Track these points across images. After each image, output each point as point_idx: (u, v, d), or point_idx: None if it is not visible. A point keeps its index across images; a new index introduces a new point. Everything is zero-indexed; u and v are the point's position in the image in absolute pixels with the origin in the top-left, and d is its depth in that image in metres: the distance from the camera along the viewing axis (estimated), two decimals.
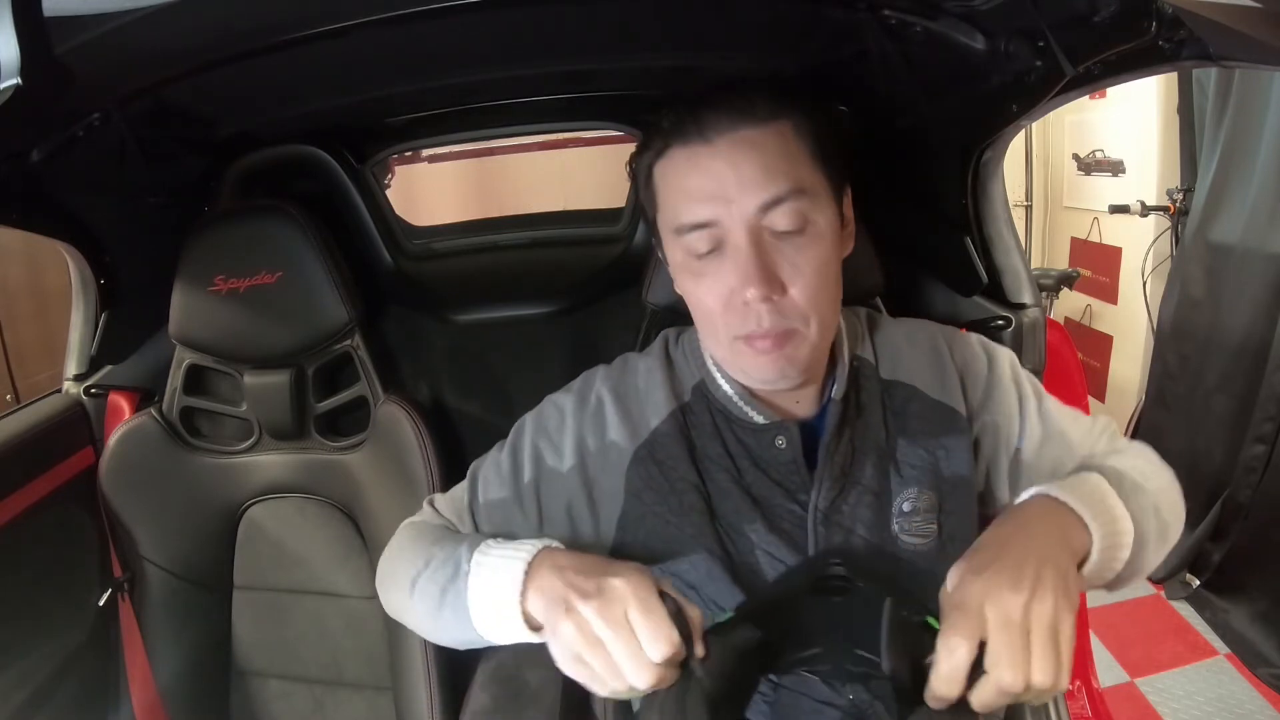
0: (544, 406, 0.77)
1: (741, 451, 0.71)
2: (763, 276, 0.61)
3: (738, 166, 0.62)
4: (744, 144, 0.62)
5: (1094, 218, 2.85)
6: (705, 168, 0.63)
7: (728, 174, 0.62)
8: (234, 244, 0.99)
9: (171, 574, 1.04)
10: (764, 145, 0.63)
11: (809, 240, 0.63)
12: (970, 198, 0.90)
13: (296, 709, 1.09)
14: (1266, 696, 1.71)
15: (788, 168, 0.62)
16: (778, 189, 0.62)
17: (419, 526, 0.75)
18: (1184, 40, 0.50)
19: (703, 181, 0.63)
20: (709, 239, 0.64)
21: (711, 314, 0.66)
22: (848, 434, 0.70)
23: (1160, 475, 0.72)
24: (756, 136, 0.63)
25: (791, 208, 0.62)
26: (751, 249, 0.62)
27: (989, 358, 0.76)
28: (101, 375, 1.09)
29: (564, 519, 0.73)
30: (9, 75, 0.51)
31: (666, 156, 0.66)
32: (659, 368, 0.75)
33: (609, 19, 0.80)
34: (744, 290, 0.62)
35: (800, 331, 0.64)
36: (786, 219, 0.62)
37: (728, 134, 0.63)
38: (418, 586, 0.66)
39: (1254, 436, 1.84)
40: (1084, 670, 1.04)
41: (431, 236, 1.29)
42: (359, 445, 1.04)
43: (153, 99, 0.80)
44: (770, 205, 0.62)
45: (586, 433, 0.73)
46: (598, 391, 0.75)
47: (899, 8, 0.68)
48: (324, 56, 0.75)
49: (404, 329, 1.17)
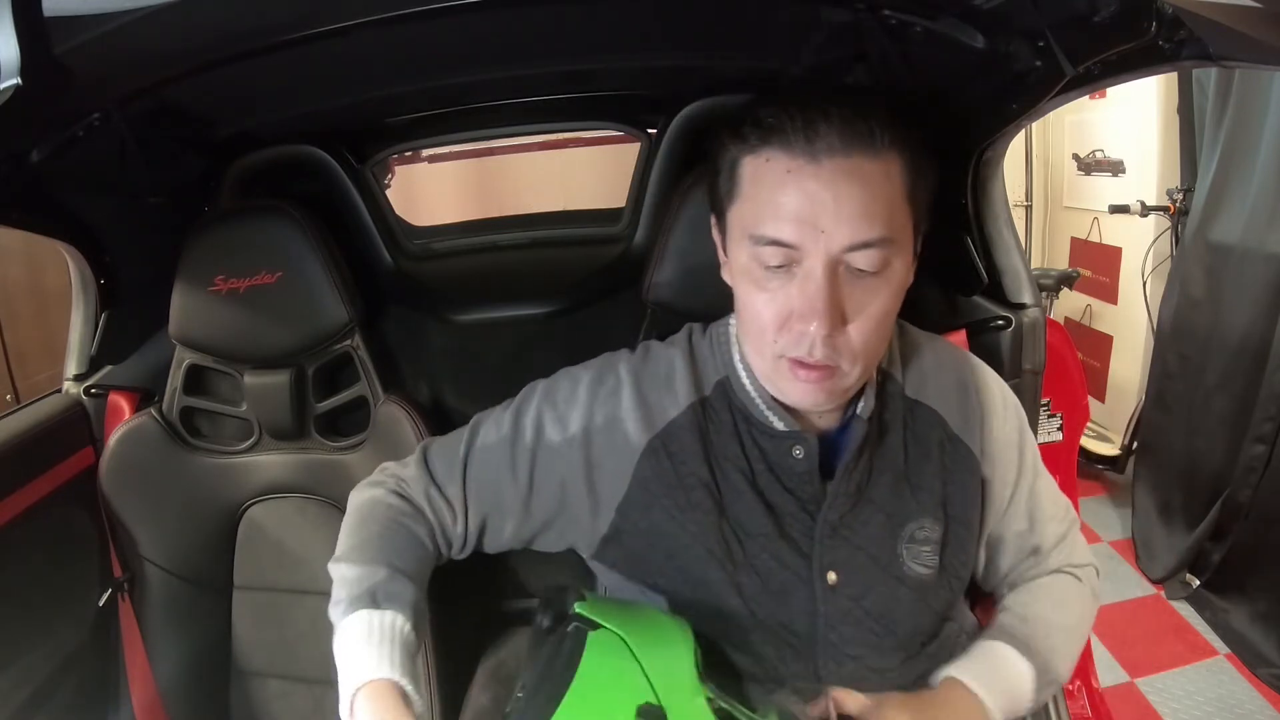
0: (558, 376, 0.77)
1: (758, 455, 0.70)
2: (830, 313, 0.60)
3: (839, 199, 0.59)
4: (852, 175, 0.59)
5: (1094, 218, 2.85)
6: (805, 188, 0.60)
7: (827, 203, 0.59)
8: (234, 244, 0.98)
9: (171, 574, 1.04)
10: (871, 180, 0.60)
11: (882, 284, 0.62)
12: (970, 198, 0.90)
13: (296, 709, 1.08)
14: (1266, 696, 1.71)
15: (886, 210, 0.60)
16: (871, 233, 0.60)
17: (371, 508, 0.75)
18: (1184, 40, 0.50)
19: (799, 202, 0.60)
20: (784, 256, 0.61)
21: (765, 328, 0.64)
22: (868, 453, 0.70)
23: (1077, 604, 0.78)
24: (867, 167, 0.60)
25: (878, 253, 0.60)
26: (826, 284, 0.60)
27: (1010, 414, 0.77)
28: (101, 375, 1.09)
29: (555, 493, 0.73)
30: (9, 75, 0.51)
31: (763, 156, 0.62)
32: (681, 359, 0.74)
33: (609, 19, 0.80)
34: (807, 321, 0.61)
35: (843, 369, 0.63)
36: (869, 261, 0.60)
37: (838, 158, 0.59)
38: (334, 575, 0.69)
39: (1254, 436, 1.84)
40: (1084, 670, 1.04)
41: (431, 236, 1.29)
42: (359, 445, 1.04)
43: (153, 99, 0.80)
44: (859, 247, 0.60)
45: (596, 410, 0.72)
46: (618, 373, 0.74)
47: (899, 8, 0.67)
48: (324, 56, 0.75)
49: (404, 329, 1.17)
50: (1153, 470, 2.27)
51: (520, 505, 0.74)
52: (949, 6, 0.65)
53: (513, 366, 1.17)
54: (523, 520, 0.75)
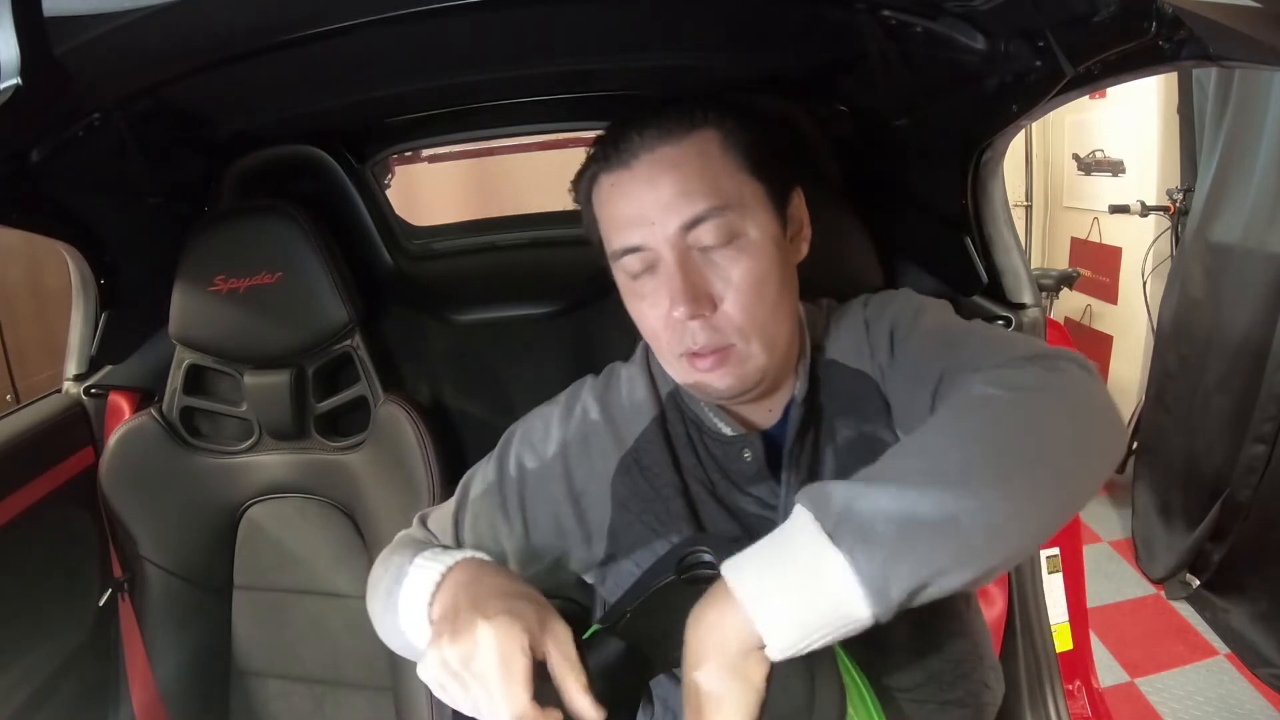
0: (530, 416, 0.77)
1: (713, 464, 0.70)
2: (689, 295, 0.61)
3: (657, 188, 0.62)
4: (663, 164, 0.62)
5: (1094, 218, 2.85)
6: (628, 192, 0.63)
7: (648, 196, 0.62)
8: (234, 244, 0.99)
9: (171, 574, 1.04)
10: (683, 163, 0.62)
11: (739, 253, 0.63)
12: (970, 198, 0.90)
13: (296, 709, 1.08)
14: (1266, 696, 1.71)
15: (709, 184, 0.62)
16: (697, 207, 0.61)
17: (400, 538, 0.73)
18: (1184, 40, 0.50)
19: (627, 206, 0.63)
20: (641, 261, 0.64)
21: (655, 333, 0.66)
22: (811, 434, 0.69)
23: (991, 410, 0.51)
24: (676, 154, 0.63)
25: (716, 224, 0.62)
26: (678, 268, 0.62)
27: (883, 316, 0.71)
28: (101, 375, 1.09)
29: (550, 526, 0.72)
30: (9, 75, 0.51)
31: (597, 183, 0.67)
32: (640, 375, 0.75)
33: (609, 19, 0.80)
34: (674, 309, 0.62)
35: (738, 347, 0.63)
36: (712, 234, 0.62)
37: (646, 156, 0.63)
38: (377, 591, 0.66)
39: (1254, 436, 1.84)
40: (1084, 670, 1.04)
41: (431, 236, 1.29)
42: (359, 445, 1.04)
43: (153, 99, 0.80)
44: (692, 224, 0.62)
45: (571, 441, 0.73)
46: (584, 401, 0.75)
47: (899, 8, 0.67)
48: (324, 56, 0.75)
49: (404, 329, 1.17)
50: (1153, 470, 2.27)
51: (521, 546, 0.72)
52: (949, 6, 0.65)
53: (513, 366, 1.18)
54: (527, 561, 0.73)
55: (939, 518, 0.45)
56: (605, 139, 0.66)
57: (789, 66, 0.92)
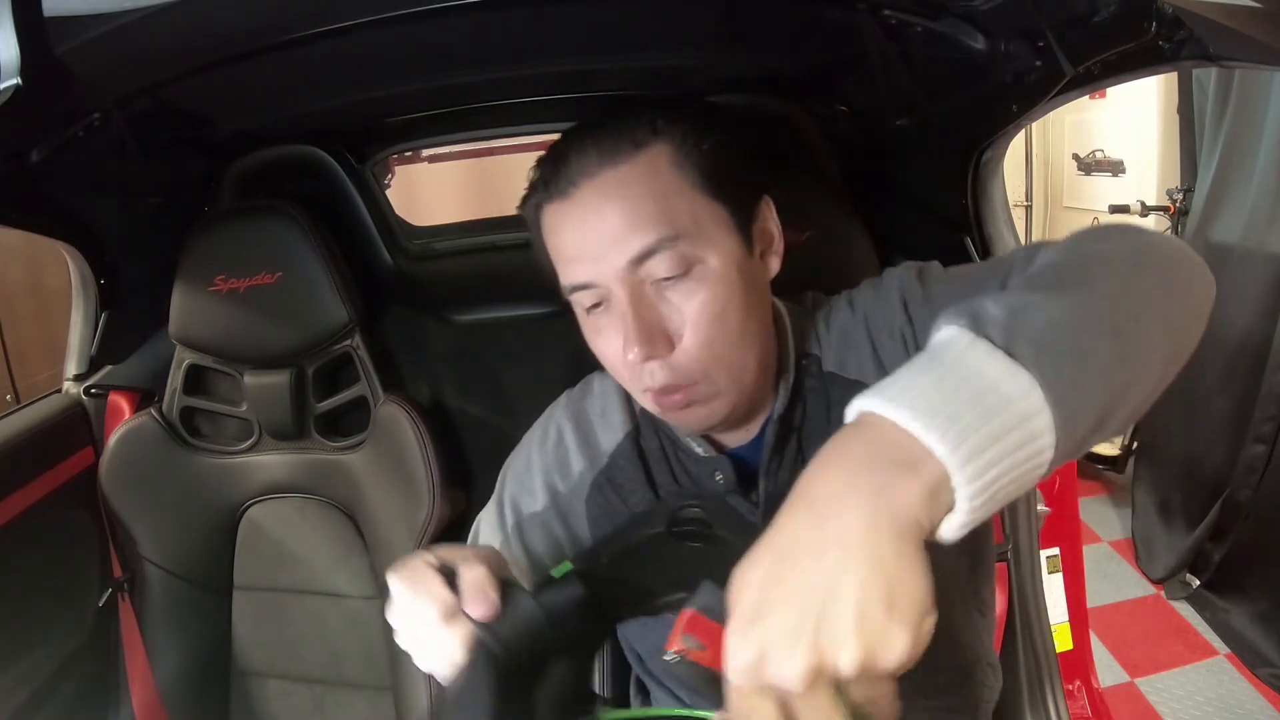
0: (517, 451, 0.75)
1: (689, 481, 0.67)
2: (642, 337, 0.55)
3: (603, 219, 0.56)
4: (606, 190, 0.56)
5: (1094, 218, 2.84)
6: (571, 223, 0.57)
7: (592, 228, 0.56)
8: (234, 244, 0.99)
9: (171, 574, 1.04)
10: (630, 188, 0.56)
11: (697, 284, 0.56)
12: (970, 198, 0.90)
13: (296, 709, 1.08)
14: (1266, 696, 1.71)
15: (660, 210, 0.55)
16: (647, 239, 0.55)
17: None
18: (1184, 40, 0.50)
19: (571, 240, 0.58)
20: (593, 295, 0.58)
21: (616, 368, 0.61)
22: (791, 451, 0.65)
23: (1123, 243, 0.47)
24: (622, 178, 0.56)
25: (669, 255, 0.55)
26: (630, 307, 0.56)
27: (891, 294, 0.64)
28: (101, 375, 1.09)
29: (556, 555, 0.70)
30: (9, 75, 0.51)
31: (542, 211, 0.60)
32: (613, 388, 0.72)
33: (609, 19, 0.80)
34: (627, 351, 0.56)
35: (701, 385, 0.58)
36: (666, 266, 0.55)
37: (587, 183, 0.56)
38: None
39: (1254, 436, 1.84)
40: (1084, 670, 1.04)
41: (431, 236, 1.29)
42: (359, 445, 1.04)
43: (153, 99, 0.80)
44: (643, 257, 0.55)
45: (552, 468, 0.71)
46: (557, 422, 0.73)
47: (899, 7, 0.67)
48: (324, 56, 0.75)
49: (404, 329, 1.17)
50: (1153, 470, 2.27)
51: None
52: (949, 6, 0.65)
53: (513, 366, 1.18)
54: None
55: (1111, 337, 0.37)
56: (544, 162, 0.59)
57: (789, 66, 0.92)
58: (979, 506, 0.34)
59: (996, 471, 0.34)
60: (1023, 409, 0.34)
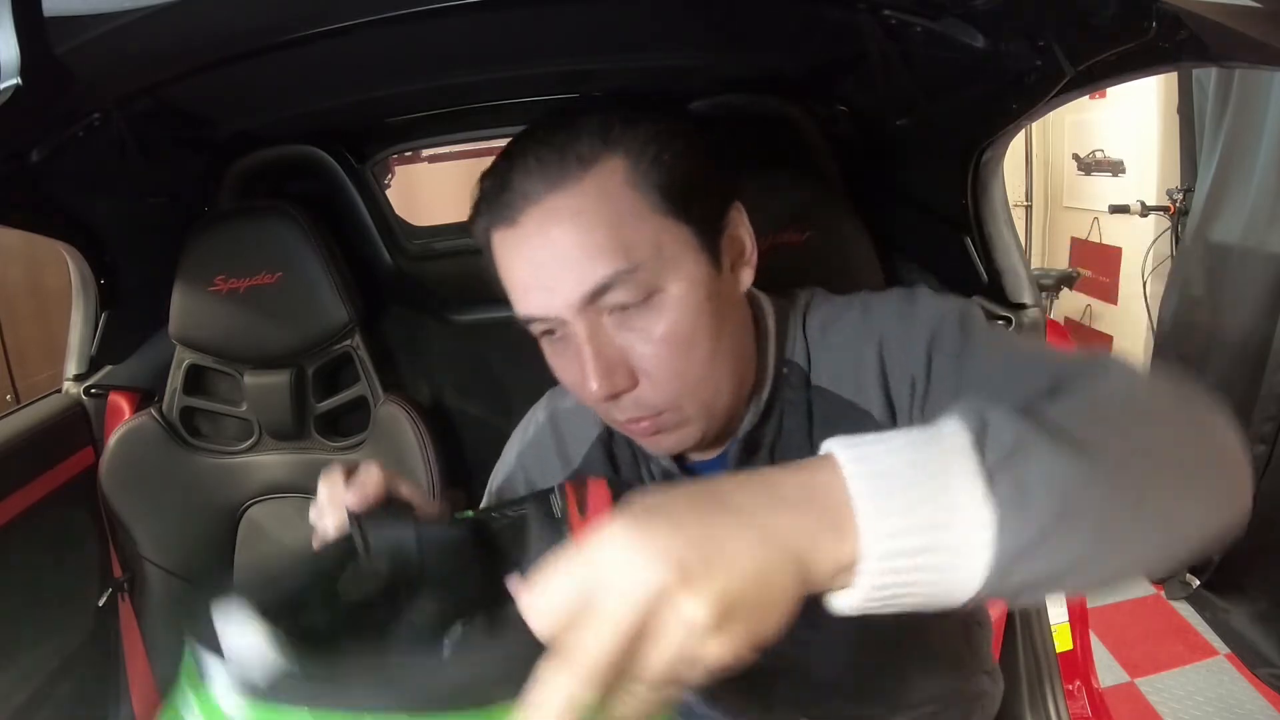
0: (505, 448, 0.75)
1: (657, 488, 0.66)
2: (602, 373, 0.52)
3: (553, 249, 0.51)
4: (556, 217, 0.50)
5: (1094, 218, 2.85)
6: (519, 254, 0.52)
7: (543, 259, 0.51)
8: (234, 244, 0.99)
9: (172, 574, 1.04)
10: (580, 213, 0.50)
11: (659, 312, 0.52)
12: (970, 198, 0.90)
13: None
14: (1266, 696, 1.71)
15: (615, 239, 0.50)
16: (601, 273, 0.50)
17: None
18: (1184, 40, 0.50)
19: (519, 270, 0.53)
20: (546, 325, 0.54)
21: (579, 395, 0.57)
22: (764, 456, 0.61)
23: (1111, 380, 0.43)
24: (570, 204, 0.50)
25: (626, 287, 0.50)
26: (589, 343, 0.52)
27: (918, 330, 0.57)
28: (101, 375, 1.09)
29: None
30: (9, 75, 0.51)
31: (486, 232, 0.55)
32: None
33: (609, 19, 0.80)
34: (586, 386, 0.52)
35: (667, 415, 0.55)
36: (625, 296, 0.51)
37: (533, 209, 0.51)
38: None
39: (1254, 436, 1.84)
40: (1084, 670, 1.04)
41: (431, 236, 1.29)
42: (359, 445, 1.05)
43: (153, 99, 0.80)
44: (598, 293, 0.51)
45: (530, 467, 0.71)
46: (535, 420, 0.73)
47: (899, 7, 0.67)
48: (324, 56, 0.75)
49: (404, 329, 1.17)
50: None
51: None
52: (949, 6, 0.65)
53: (513, 366, 1.18)
54: None
55: (1095, 526, 0.35)
56: (486, 181, 0.54)
57: (789, 66, 0.92)
58: (871, 605, 0.34)
59: (904, 582, 0.33)
60: (965, 542, 0.33)
